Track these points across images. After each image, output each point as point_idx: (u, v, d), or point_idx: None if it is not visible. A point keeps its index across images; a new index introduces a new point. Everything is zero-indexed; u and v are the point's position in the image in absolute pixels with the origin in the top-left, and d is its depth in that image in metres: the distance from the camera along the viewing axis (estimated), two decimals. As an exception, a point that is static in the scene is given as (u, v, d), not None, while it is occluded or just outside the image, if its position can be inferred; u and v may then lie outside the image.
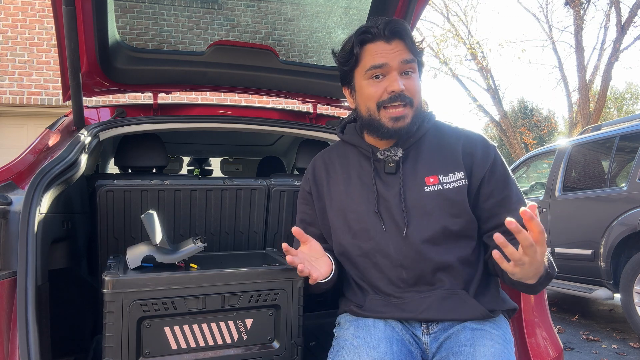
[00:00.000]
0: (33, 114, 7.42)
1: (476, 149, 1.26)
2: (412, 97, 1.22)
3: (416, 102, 1.23)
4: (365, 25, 1.25)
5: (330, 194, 1.34)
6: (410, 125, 1.23)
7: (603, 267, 4.18)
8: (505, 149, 19.30)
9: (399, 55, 1.21)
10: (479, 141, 1.27)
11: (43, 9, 7.43)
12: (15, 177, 1.39)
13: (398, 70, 1.21)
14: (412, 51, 1.22)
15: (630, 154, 4.44)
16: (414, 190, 1.23)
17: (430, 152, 1.26)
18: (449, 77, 15.01)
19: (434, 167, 1.24)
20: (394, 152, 1.26)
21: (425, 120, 1.30)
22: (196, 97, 7.52)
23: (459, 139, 1.27)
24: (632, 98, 24.21)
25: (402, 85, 1.20)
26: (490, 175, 1.24)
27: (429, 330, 1.22)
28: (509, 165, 8.15)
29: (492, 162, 1.25)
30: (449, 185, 1.22)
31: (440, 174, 1.23)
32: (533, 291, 1.17)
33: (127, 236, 1.61)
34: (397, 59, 1.21)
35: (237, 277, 1.25)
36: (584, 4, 12.43)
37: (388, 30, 1.21)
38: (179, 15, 2.05)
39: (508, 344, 1.18)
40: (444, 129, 1.31)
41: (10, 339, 1.09)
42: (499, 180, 1.24)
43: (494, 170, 1.25)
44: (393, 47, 1.21)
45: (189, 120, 2.00)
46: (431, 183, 1.23)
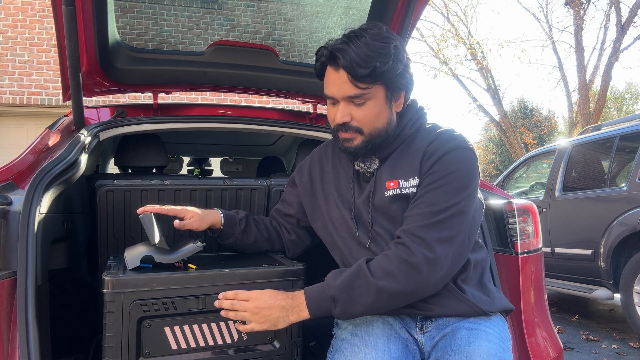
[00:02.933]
0: (33, 114, 7.42)
1: (434, 154, 1.17)
2: (361, 126, 1.18)
3: (367, 129, 1.18)
4: (322, 46, 1.19)
5: (324, 189, 1.36)
6: (360, 148, 1.20)
7: (603, 267, 4.18)
8: (505, 149, 19.30)
9: (343, 90, 1.16)
10: (441, 144, 1.18)
11: (43, 9, 7.43)
12: (15, 177, 1.39)
13: (345, 101, 1.17)
14: (363, 81, 1.13)
15: (630, 154, 4.44)
16: (378, 195, 1.23)
17: (397, 158, 1.24)
18: (449, 77, 15.01)
19: (396, 171, 1.21)
20: (369, 163, 1.25)
21: (408, 126, 1.25)
22: (196, 97, 7.52)
23: (425, 142, 1.21)
24: (632, 98, 24.21)
25: (345, 118, 1.17)
26: (425, 179, 1.17)
27: (424, 329, 1.22)
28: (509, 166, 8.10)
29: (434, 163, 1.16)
30: (406, 189, 1.19)
31: (400, 178, 1.20)
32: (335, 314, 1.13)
33: (127, 236, 1.61)
34: (341, 94, 1.16)
35: (236, 277, 1.25)
36: (584, 4, 12.42)
37: (331, 60, 1.16)
38: (179, 15, 2.05)
39: (504, 343, 1.18)
40: (421, 133, 1.25)
41: (10, 339, 1.10)
42: (425, 185, 1.16)
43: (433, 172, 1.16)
44: (339, 76, 1.15)
45: (189, 120, 2.00)
46: (391, 187, 1.20)
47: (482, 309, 1.18)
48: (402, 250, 1.10)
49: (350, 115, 1.18)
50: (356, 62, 1.11)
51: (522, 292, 1.58)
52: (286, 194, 1.47)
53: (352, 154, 1.24)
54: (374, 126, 1.19)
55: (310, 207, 1.38)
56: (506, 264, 1.61)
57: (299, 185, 1.42)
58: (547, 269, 4.70)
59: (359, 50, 1.11)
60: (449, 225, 1.11)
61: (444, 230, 1.11)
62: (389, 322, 1.23)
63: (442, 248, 1.10)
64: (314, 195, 1.38)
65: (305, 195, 1.40)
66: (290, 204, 1.44)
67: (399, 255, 1.09)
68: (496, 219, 1.66)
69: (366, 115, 1.17)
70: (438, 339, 1.19)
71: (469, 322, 1.18)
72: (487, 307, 1.20)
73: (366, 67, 1.11)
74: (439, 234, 1.10)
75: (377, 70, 1.12)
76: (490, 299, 1.23)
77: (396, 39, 1.17)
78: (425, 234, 1.10)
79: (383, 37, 1.15)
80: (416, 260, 1.08)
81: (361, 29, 1.16)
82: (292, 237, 1.45)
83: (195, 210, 1.35)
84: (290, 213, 1.44)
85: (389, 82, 1.16)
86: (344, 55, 1.12)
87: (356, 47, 1.12)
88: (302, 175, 1.42)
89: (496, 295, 1.27)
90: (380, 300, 1.09)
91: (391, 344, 1.17)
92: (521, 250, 1.61)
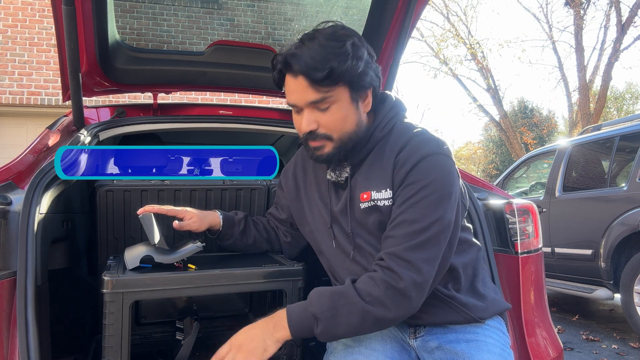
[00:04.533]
0: (33, 114, 7.42)
1: (406, 163, 1.10)
2: (328, 132, 1.12)
3: (336, 134, 1.12)
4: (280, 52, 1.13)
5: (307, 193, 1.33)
6: (332, 155, 1.14)
7: (603, 267, 4.18)
8: (505, 149, 19.29)
9: (304, 96, 1.09)
10: (413, 151, 1.10)
11: (43, 9, 7.43)
12: (15, 177, 1.39)
13: (309, 107, 1.11)
14: (323, 84, 1.06)
15: (630, 154, 4.44)
16: (355, 206, 1.17)
17: (369, 165, 1.16)
18: (449, 77, 15.02)
19: (369, 181, 1.15)
20: (339, 172, 1.19)
21: (379, 129, 1.17)
22: (196, 97, 7.52)
23: (398, 149, 1.12)
24: (632, 98, 24.21)
25: (311, 126, 1.11)
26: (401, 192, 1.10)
27: (416, 334, 1.21)
28: (509, 166, 8.09)
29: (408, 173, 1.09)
30: (381, 202, 1.13)
31: (373, 189, 1.14)
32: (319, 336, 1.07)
33: (126, 236, 1.61)
34: (303, 100, 1.10)
35: (236, 278, 1.24)
36: (584, 4, 12.42)
37: (287, 67, 1.10)
38: (179, 15, 2.05)
39: (505, 349, 1.16)
40: (394, 136, 1.16)
41: (10, 339, 1.09)
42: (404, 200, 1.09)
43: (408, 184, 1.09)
44: (298, 83, 1.08)
45: (189, 120, 2.00)
46: (364, 200, 1.14)
47: (473, 317, 1.16)
48: (389, 276, 1.03)
49: (316, 123, 1.11)
50: (312, 66, 1.05)
51: (522, 292, 1.58)
52: (277, 197, 1.46)
53: (325, 163, 1.18)
54: (342, 130, 1.12)
55: (297, 212, 1.37)
56: (506, 264, 1.61)
57: (285, 190, 1.40)
58: (547, 269, 4.70)
59: (314, 52, 1.05)
60: (434, 242, 1.05)
61: (430, 249, 1.05)
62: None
63: (429, 269, 1.05)
64: (299, 201, 1.35)
65: (291, 199, 1.37)
66: (282, 208, 1.44)
67: (386, 280, 1.03)
68: (496, 219, 1.65)
69: (333, 120, 1.11)
70: (434, 346, 1.17)
71: (466, 330, 1.16)
72: (480, 314, 1.17)
73: (323, 69, 1.04)
74: (426, 254, 1.04)
75: (335, 72, 1.05)
76: (485, 304, 1.20)
77: (354, 36, 1.10)
78: (412, 256, 1.04)
79: (338, 36, 1.08)
80: (404, 286, 1.02)
81: (314, 30, 1.11)
82: (288, 240, 1.45)
83: (195, 211, 1.35)
84: (282, 217, 1.43)
85: (351, 82, 1.09)
86: (298, 60, 1.06)
87: (310, 50, 1.06)
88: (288, 179, 1.39)
89: (491, 299, 1.23)
90: (365, 323, 1.04)
91: (385, 344, 1.16)
92: (521, 250, 1.61)
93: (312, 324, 1.04)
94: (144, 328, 1.64)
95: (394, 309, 1.03)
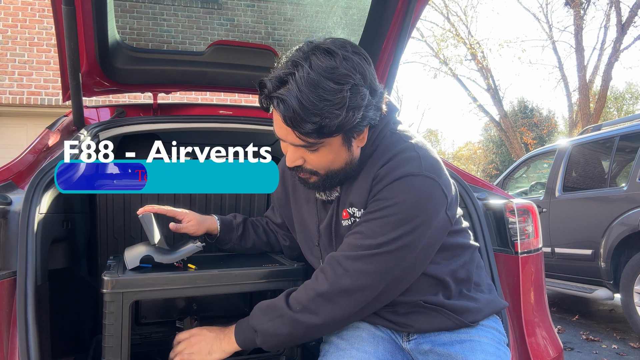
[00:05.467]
0: (33, 114, 7.42)
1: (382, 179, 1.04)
2: (315, 169, 1.07)
3: (323, 172, 1.07)
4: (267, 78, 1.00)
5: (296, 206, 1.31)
6: (319, 184, 1.10)
7: (603, 267, 4.18)
8: (505, 149, 19.29)
9: (289, 139, 1.01)
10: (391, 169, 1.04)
11: (43, 9, 7.43)
12: (15, 177, 1.39)
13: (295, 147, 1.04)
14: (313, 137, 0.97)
15: (630, 154, 4.44)
16: (339, 225, 1.15)
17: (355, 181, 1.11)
18: (449, 77, 15.02)
19: (350, 198, 1.11)
20: (329, 192, 1.16)
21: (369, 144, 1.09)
22: (196, 97, 7.52)
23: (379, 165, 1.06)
24: (632, 98, 24.21)
25: (297, 162, 1.06)
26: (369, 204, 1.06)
27: (409, 337, 1.20)
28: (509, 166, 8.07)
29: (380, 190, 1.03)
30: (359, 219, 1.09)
31: (353, 207, 1.11)
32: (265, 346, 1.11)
33: (126, 236, 1.61)
34: (289, 141, 1.02)
35: (236, 277, 1.24)
36: (584, 4, 12.43)
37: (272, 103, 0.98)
38: (179, 15, 2.05)
39: (500, 348, 1.16)
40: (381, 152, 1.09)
41: (10, 339, 1.09)
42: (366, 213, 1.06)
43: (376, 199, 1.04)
44: (284, 126, 0.99)
45: (189, 120, 2.00)
46: (345, 217, 1.12)
47: (464, 322, 1.14)
48: (320, 281, 1.04)
49: (302, 159, 1.05)
50: (300, 117, 0.92)
51: (522, 292, 1.58)
52: (273, 199, 1.45)
53: (313, 189, 1.16)
54: (330, 169, 1.06)
55: (288, 219, 1.36)
56: (506, 264, 1.61)
57: (275, 196, 1.39)
58: (547, 269, 4.70)
59: (304, 97, 0.91)
60: (382, 260, 1.01)
61: (374, 264, 1.01)
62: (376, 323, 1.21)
63: (368, 280, 1.01)
64: (288, 208, 1.34)
65: (282, 206, 1.37)
66: (277, 212, 1.43)
67: (312, 287, 1.05)
68: (496, 219, 1.65)
69: (320, 161, 1.04)
70: (427, 349, 1.16)
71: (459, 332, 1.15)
72: (472, 318, 1.15)
73: (312, 121, 0.92)
74: (367, 267, 1.01)
75: (325, 128, 0.94)
76: (478, 306, 1.17)
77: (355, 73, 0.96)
78: (350, 265, 1.01)
79: (336, 76, 0.93)
80: (327, 290, 1.02)
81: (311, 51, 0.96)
82: (287, 243, 1.45)
83: (194, 214, 1.35)
84: (278, 222, 1.43)
85: (344, 132, 1.00)
86: (285, 107, 0.93)
87: (300, 93, 0.91)
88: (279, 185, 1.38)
89: (485, 300, 1.20)
90: (297, 332, 1.06)
91: (378, 346, 1.16)
92: (521, 250, 1.60)
93: (254, 335, 1.10)
94: (144, 328, 1.64)
95: (321, 315, 1.03)
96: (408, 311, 1.14)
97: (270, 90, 0.97)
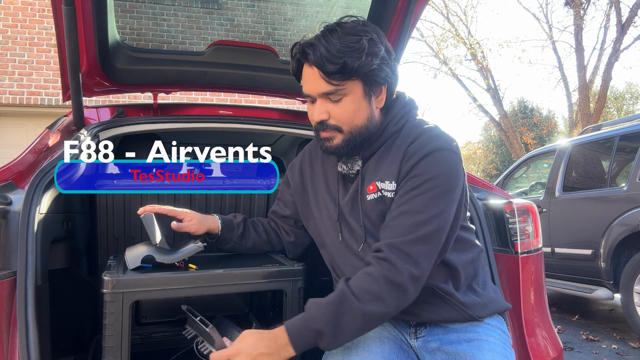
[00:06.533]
0: (33, 114, 7.42)
1: (414, 155, 1.11)
2: (339, 124, 1.14)
3: (346, 127, 1.14)
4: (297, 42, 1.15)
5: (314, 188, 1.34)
6: (340, 147, 1.15)
7: (603, 267, 4.18)
8: (505, 149, 19.29)
9: (317, 87, 1.12)
10: (422, 145, 1.12)
11: (43, 9, 7.43)
12: (15, 177, 1.39)
13: (322, 98, 1.13)
14: (335, 78, 1.09)
15: (630, 154, 4.44)
16: (364, 198, 1.18)
17: (378, 159, 1.18)
18: (449, 77, 15.02)
19: (377, 174, 1.16)
20: (351, 165, 1.21)
21: (392, 123, 1.19)
22: (196, 97, 7.52)
23: (408, 142, 1.14)
24: (632, 98, 24.20)
25: (322, 116, 1.14)
26: (405, 183, 1.11)
27: (417, 334, 1.21)
28: (509, 166, 8.06)
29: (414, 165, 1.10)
30: (387, 193, 1.14)
31: (379, 181, 1.15)
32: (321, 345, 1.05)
33: (126, 236, 1.61)
34: (316, 90, 1.13)
35: (236, 278, 1.24)
36: (584, 4, 12.43)
37: (303, 56, 1.12)
38: (179, 15, 2.05)
39: (506, 348, 1.17)
40: (406, 131, 1.18)
41: (10, 339, 1.09)
42: (407, 191, 1.10)
43: (414, 176, 1.10)
44: (313, 73, 1.11)
45: (189, 120, 2.00)
46: (371, 191, 1.16)
47: (472, 314, 1.16)
48: (387, 269, 1.03)
49: (327, 113, 1.14)
50: (326, 58, 1.07)
51: (522, 292, 1.58)
52: (282, 194, 1.45)
53: (334, 154, 1.20)
54: (353, 123, 1.14)
55: (302, 206, 1.37)
56: (506, 264, 1.61)
57: (291, 183, 1.40)
58: (547, 269, 4.70)
59: (330, 45, 1.07)
60: (435, 237, 1.06)
61: (430, 244, 1.06)
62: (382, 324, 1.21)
63: (427, 263, 1.06)
64: (305, 194, 1.36)
65: (297, 193, 1.38)
66: (285, 205, 1.43)
67: (384, 275, 1.03)
68: (496, 219, 1.66)
69: (344, 112, 1.13)
70: (435, 347, 1.17)
71: (466, 330, 1.16)
72: (479, 313, 1.17)
73: (336, 62, 1.07)
74: (425, 249, 1.05)
75: (347, 67, 1.07)
76: (483, 302, 1.20)
77: (372, 32, 1.12)
78: (412, 249, 1.04)
79: (356, 31, 1.10)
80: (403, 279, 1.03)
81: (336, 23, 1.12)
82: (292, 239, 1.44)
83: (195, 214, 1.35)
84: (286, 214, 1.43)
85: (365, 78, 1.11)
86: (314, 51, 1.08)
87: (327, 43, 1.08)
88: (294, 173, 1.40)
89: (490, 298, 1.23)
90: (367, 325, 1.05)
91: (383, 345, 1.16)
92: (521, 250, 1.61)
93: (316, 339, 1.03)
94: (144, 328, 1.64)
95: (393, 303, 1.04)
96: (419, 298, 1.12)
97: (302, 44, 1.12)
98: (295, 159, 1.44)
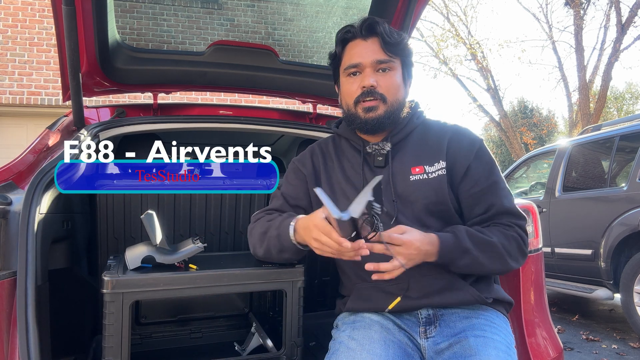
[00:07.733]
0: (33, 114, 7.42)
1: (462, 141, 1.30)
2: (385, 94, 1.26)
3: (390, 98, 1.27)
4: (348, 24, 1.31)
5: (329, 180, 1.34)
6: (383, 118, 1.26)
7: (603, 267, 4.18)
8: (505, 149, 19.29)
9: (373, 55, 1.26)
10: (465, 134, 1.32)
11: (43, 9, 7.43)
12: (15, 177, 1.39)
13: (372, 67, 1.26)
14: (390, 50, 1.26)
15: (630, 154, 4.44)
16: (400, 180, 1.27)
17: (417, 145, 1.31)
18: (449, 77, 15.01)
19: (420, 158, 1.28)
20: (382, 145, 1.30)
21: (415, 116, 1.34)
22: (196, 97, 7.52)
23: (446, 132, 1.32)
24: (632, 98, 24.21)
25: (372, 82, 1.25)
26: (477, 164, 1.28)
27: (427, 334, 1.22)
28: (509, 166, 8.08)
29: (477, 151, 1.29)
30: (433, 174, 1.26)
31: (425, 164, 1.27)
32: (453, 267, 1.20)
33: (126, 236, 1.61)
34: (371, 58, 1.26)
35: (237, 278, 1.25)
36: (584, 4, 12.43)
37: (365, 28, 1.27)
38: (179, 15, 2.05)
39: (510, 347, 1.18)
40: (431, 125, 1.36)
41: (10, 339, 1.10)
42: (485, 169, 1.28)
43: (480, 159, 1.29)
44: (369, 44, 1.27)
45: (189, 120, 2.00)
46: (417, 172, 1.27)
47: (481, 297, 1.22)
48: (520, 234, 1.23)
49: (376, 82, 1.25)
50: (390, 32, 1.26)
51: (522, 292, 1.58)
52: (292, 188, 1.39)
53: (374, 125, 1.26)
54: (395, 96, 1.27)
55: (315, 198, 1.33)
56: (506, 264, 1.61)
57: (305, 173, 1.38)
58: (547, 269, 4.70)
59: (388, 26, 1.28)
60: None
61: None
62: (387, 327, 1.22)
63: None
64: (319, 184, 1.35)
65: (312, 183, 1.36)
66: (297, 197, 1.37)
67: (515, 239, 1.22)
68: (496, 219, 1.65)
69: (391, 84, 1.26)
70: (444, 347, 1.18)
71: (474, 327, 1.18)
72: (487, 295, 1.24)
73: (397, 37, 1.26)
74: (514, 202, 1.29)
75: (403, 43, 1.27)
76: (491, 287, 1.28)
77: None
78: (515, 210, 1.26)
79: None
80: (524, 239, 1.24)
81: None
82: None
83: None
84: (301, 205, 1.37)
85: (405, 61, 1.31)
86: (380, 24, 1.26)
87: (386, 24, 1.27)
88: (305, 164, 1.39)
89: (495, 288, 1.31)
90: (501, 269, 1.22)
91: (388, 349, 1.16)
92: (521, 250, 1.61)
93: (460, 256, 1.17)
94: (144, 328, 1.64)
95: (520, 261, 1.24)
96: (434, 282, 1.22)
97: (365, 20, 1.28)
98: (302, 154, 1.43)
